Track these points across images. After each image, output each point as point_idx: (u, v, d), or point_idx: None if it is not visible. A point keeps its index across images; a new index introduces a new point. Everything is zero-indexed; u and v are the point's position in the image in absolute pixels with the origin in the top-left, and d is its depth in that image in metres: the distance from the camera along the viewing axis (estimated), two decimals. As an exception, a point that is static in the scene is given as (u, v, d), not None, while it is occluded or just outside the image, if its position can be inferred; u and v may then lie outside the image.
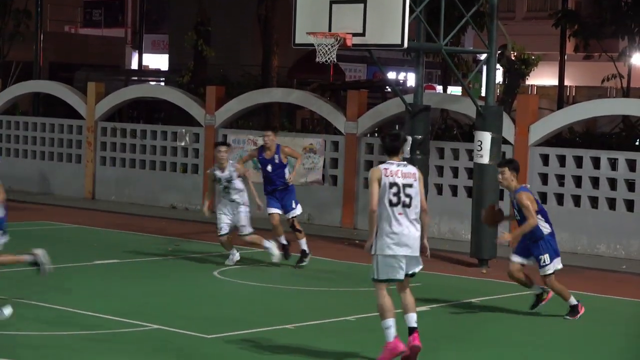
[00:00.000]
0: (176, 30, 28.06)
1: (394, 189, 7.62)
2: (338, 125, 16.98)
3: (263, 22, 20.05)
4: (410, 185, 7.68)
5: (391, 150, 7.78)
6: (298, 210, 12.52)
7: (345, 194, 16.69)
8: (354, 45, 12.39)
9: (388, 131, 8.49)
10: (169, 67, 30.48)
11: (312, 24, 12.63)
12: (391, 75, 33.65)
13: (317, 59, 12.44)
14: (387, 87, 23.23)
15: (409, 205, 7.67)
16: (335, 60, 12.37)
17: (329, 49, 12.30)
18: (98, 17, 40.78)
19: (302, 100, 18.22)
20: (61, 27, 37.18)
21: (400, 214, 7.64)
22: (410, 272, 7.77)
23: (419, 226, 7.75)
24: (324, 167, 16.90)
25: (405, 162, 7.88)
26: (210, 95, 18.28)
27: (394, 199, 7.65)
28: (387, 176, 7.65)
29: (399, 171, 7.68)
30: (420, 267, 7.86)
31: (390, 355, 7.57)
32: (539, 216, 9.61)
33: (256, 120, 19.52)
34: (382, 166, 7.74)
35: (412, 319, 7.71)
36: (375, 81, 27.85)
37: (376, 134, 17.12)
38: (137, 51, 35.05)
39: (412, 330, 7.73)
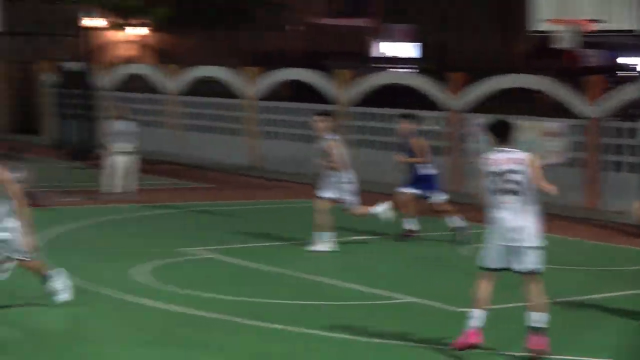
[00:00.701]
0: (422, 20, 28.84)
1: (502, 176, 7.29)
2: (578, 108, 17.37)
3: (502, 10, 20.44)
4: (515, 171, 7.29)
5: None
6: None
7: (587, 176, 17.11)
8: (592, 32, 12.56)
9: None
10: (415, 55, 31.30)
11: (550, 10, 12.95)
12: (624, 59, 32.91)
13: (556, 46, 12.65)
14: (624, 70, 22.99)
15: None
16: (577, 46, 12.62)
17: (569, 35, 12.62)
18: (343, 7, 42.44)
19: (542, 85, 18.73)
20: (309, 17, 39.05)
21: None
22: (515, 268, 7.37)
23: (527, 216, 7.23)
24: (565, 150, 17.23)
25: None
26: (455, 80, 19.14)
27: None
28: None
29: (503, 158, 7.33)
30: (531, 264, 7.31)
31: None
32: None
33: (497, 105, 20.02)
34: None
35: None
36: (614, 66, 27.51)
37: (620, 117, 17.25)
38: (382, 40, 36.28)
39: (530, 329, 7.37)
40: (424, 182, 12.80)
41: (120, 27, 30.99)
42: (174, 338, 7.98)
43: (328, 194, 11.96)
